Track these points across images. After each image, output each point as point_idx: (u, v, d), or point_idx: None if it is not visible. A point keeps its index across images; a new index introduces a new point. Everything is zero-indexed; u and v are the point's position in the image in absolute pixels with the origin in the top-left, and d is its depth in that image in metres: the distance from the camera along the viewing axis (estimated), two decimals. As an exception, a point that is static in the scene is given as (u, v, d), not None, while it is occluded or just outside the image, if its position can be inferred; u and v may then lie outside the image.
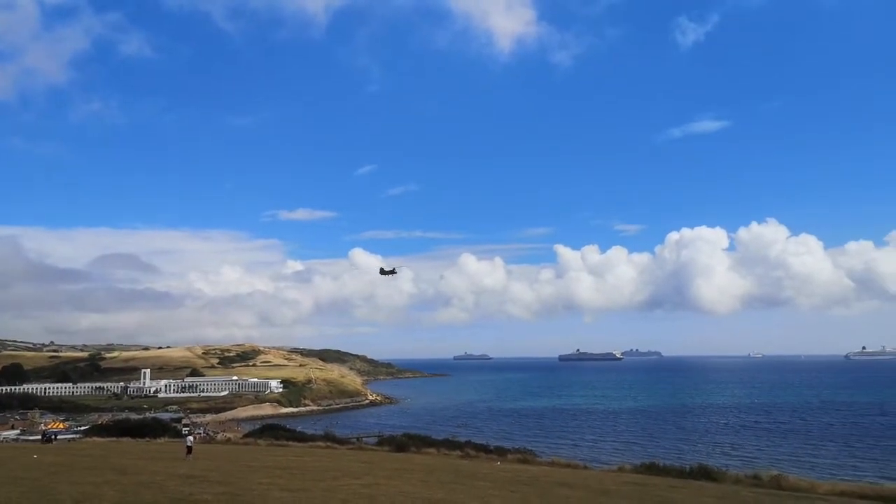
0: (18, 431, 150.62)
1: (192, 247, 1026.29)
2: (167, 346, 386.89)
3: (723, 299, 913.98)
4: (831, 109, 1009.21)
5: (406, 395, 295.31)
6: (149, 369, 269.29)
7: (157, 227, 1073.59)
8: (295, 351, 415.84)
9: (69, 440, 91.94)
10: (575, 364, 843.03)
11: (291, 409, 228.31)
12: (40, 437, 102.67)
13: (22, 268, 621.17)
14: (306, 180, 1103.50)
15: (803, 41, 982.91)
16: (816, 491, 33.90)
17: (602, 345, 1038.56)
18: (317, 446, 61.17)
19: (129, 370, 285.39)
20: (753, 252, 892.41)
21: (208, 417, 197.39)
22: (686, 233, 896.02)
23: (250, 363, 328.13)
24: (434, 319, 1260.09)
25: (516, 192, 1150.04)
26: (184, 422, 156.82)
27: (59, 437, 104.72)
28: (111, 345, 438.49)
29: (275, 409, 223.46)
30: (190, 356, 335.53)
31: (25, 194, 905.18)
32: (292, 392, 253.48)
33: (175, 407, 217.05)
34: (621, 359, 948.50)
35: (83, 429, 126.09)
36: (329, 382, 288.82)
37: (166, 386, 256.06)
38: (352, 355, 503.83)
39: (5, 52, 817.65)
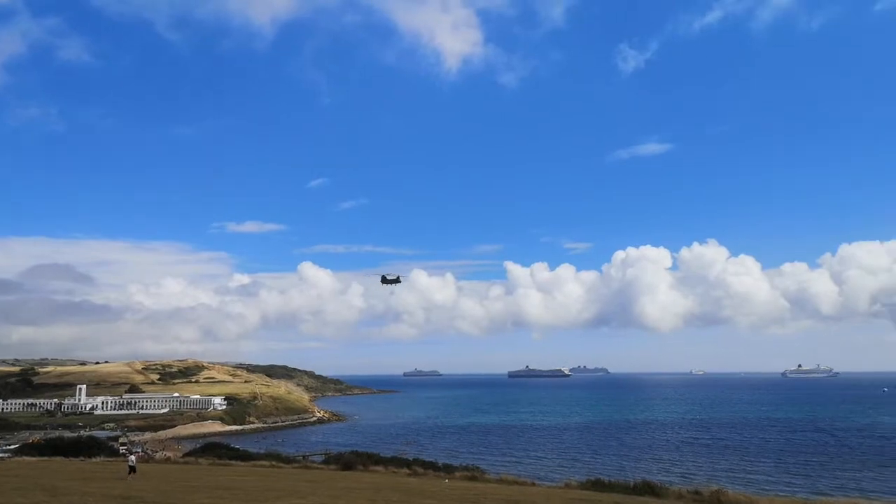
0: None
1: (134, 258, 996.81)
2: (105, 361, 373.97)
3: (666, 317, 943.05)
4: (769, 135, 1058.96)
5: (354, 412, 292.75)
6: (85, 385, 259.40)
7: (97, 237, 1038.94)
8: (240, 366, 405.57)
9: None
10: (524, 380, 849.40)
11: (235, 427, 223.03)
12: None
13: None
14: (256, 193, 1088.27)
15: (740, 68, 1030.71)
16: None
17: (551, 361, 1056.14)
18: (261, 465, 59.66)
19: (64, 386, 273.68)
20: (695, 271, 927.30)
21: (147, 435, 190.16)
22: (632, 252, 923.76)
23: (193, 379, 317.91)
24: (384, 335, 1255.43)
25: (467, 209, 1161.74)
26: (121, 440, 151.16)
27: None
28: (45, 359, 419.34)
29: (218, 427, 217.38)
30: (129, 372, 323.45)
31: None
32: (237, 409, 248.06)
33: (112, 425, 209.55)
34: (569, 375, 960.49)
35: (12, 447, 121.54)
36: (275, 399, 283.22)
37: (103, 403, 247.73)
38: (299, 371, 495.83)
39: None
